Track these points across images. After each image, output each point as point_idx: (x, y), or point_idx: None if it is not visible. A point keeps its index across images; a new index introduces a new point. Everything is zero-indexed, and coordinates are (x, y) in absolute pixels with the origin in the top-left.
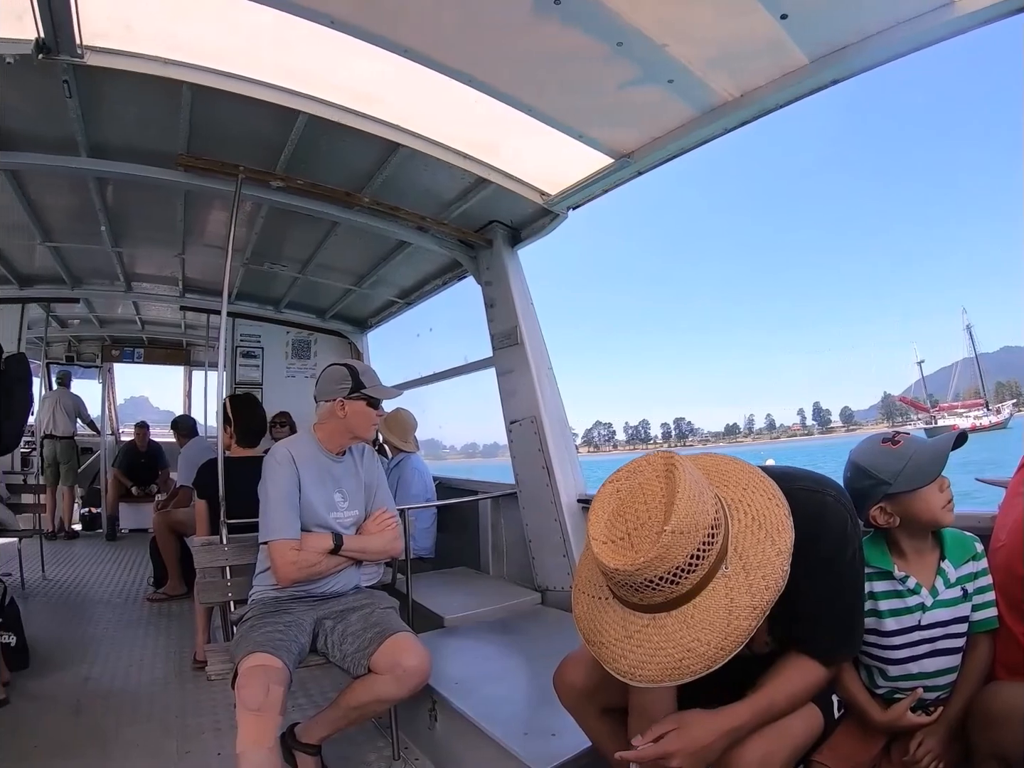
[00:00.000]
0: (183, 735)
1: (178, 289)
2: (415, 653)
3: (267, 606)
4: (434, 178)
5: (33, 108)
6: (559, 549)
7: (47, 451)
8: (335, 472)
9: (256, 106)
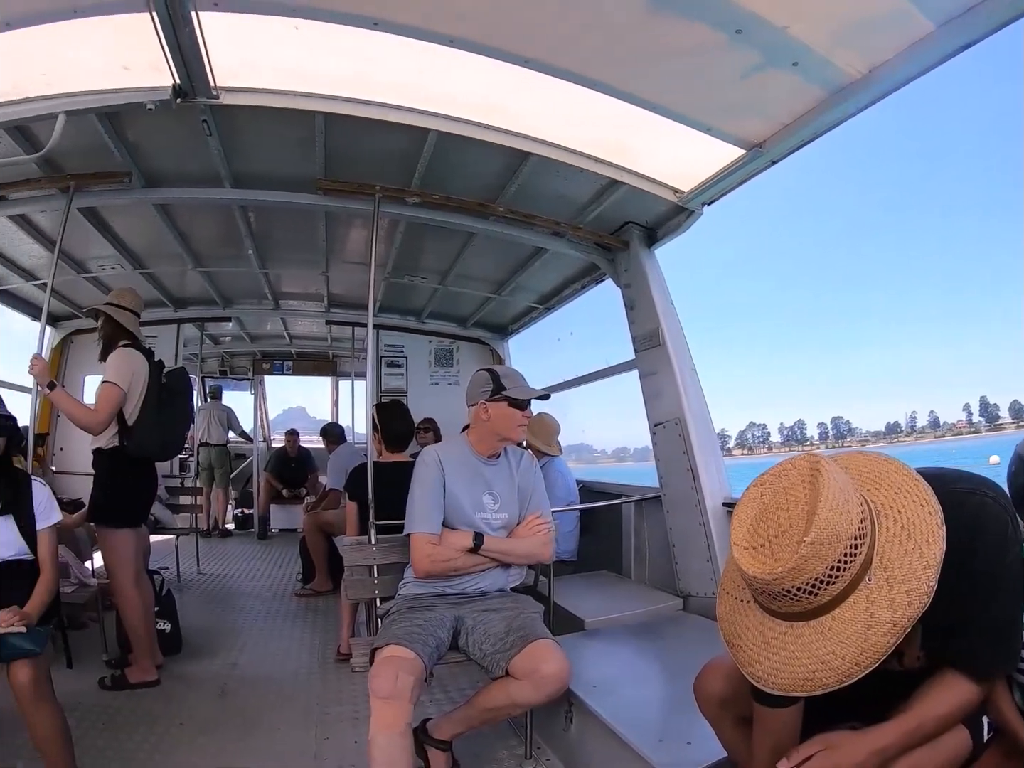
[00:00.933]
0: (323, 722)
1: (323, 304)
2: (555, 660)
3: (411, 601)
4: (566, 183)
5: (177, 147)
6: (703, 554)
7: (202, 457)
8: (486, 474)
9: (387, 127)
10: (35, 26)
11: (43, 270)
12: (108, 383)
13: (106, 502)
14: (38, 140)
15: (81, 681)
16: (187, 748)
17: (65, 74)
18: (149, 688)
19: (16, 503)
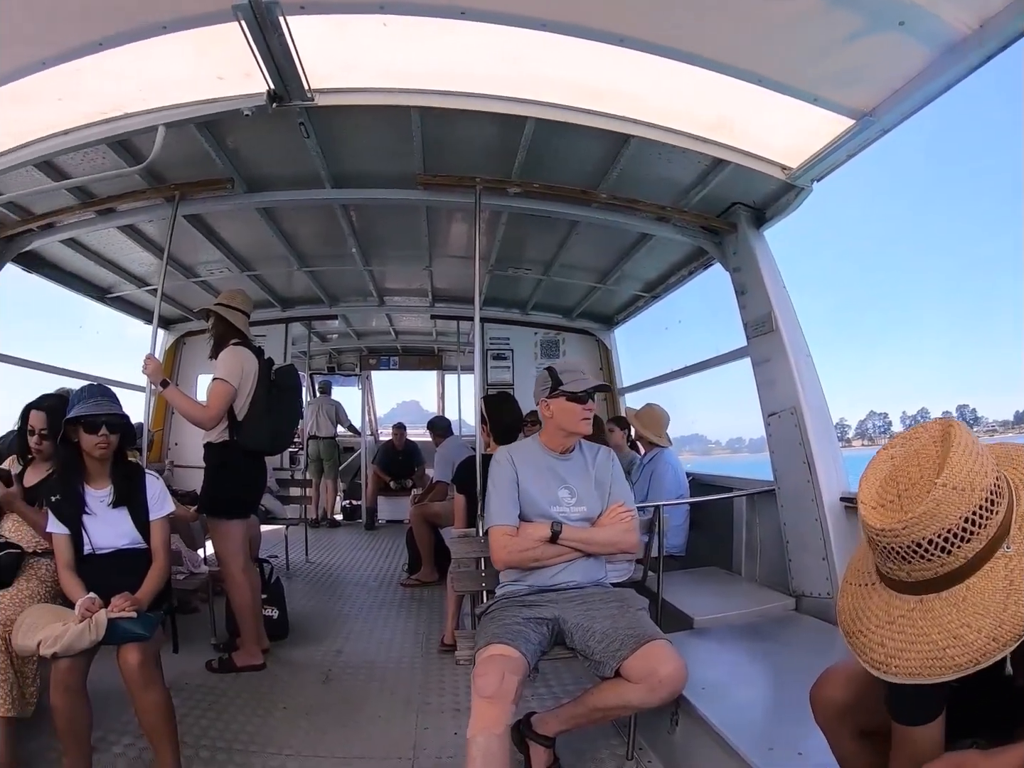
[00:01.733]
0: (423, 712)
1: (428, 299)
2: (671, 662)
3: (510, 599)
4: (669, 165)
5: (276, 151)
6: (818, 552)
7: (311, 450)
8: (560, 470)
9: (483, 118)
10: (128, 44)
11: (154, 276)
12: (219, 380)
13: (216, 494)
14: (140, 153)
15: (189, 662)
16: (288, 731)
17: (161, 88)
18: (254, 672)
19: (130, 495)
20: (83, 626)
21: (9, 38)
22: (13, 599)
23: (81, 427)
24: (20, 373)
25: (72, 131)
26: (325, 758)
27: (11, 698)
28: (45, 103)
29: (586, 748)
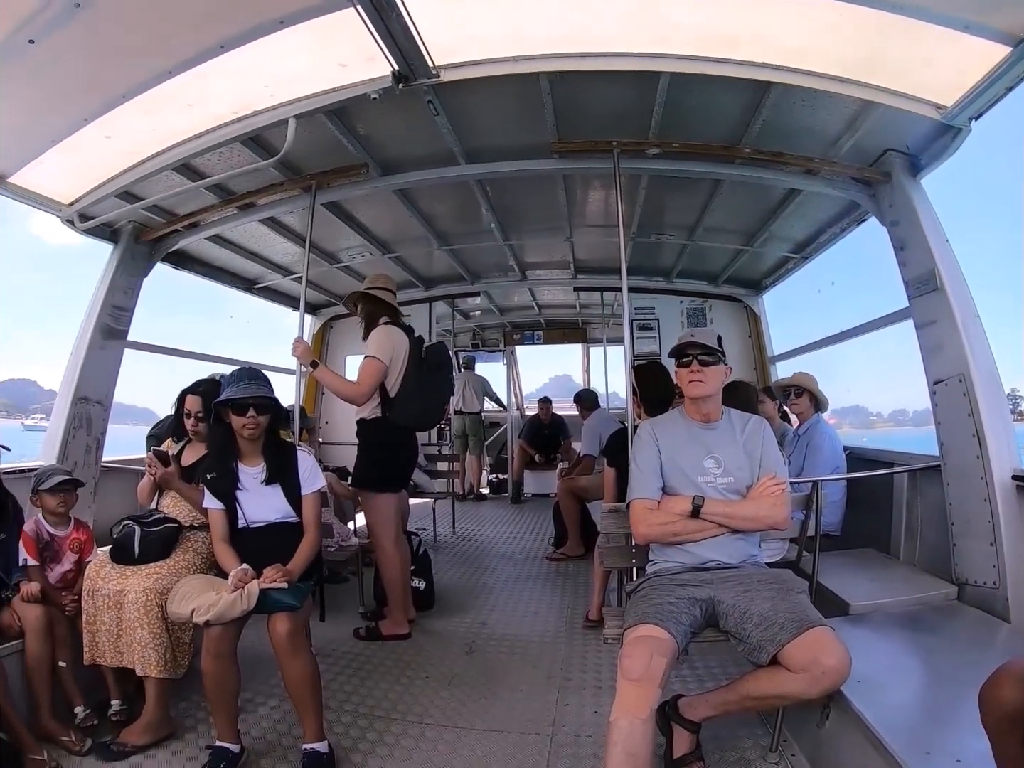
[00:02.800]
0: (564, 687)
1: (570, 271)
2: (835, 652)
3: (661, 578)
4: (814, 113)
5: (407, 132)
6: (985, 536)
7: (456, 425)
8: (706, 439)
9: (615, 78)
10: (248, 44)
11: (297, 265)
12: (370, 357)
13: (368, 468)
14: (274, 146)
15: (337, 630)
16: (430, 700)
17: (286, 82)
18: (400, 641)
19: (283, 472)
20: (235, 596)
21: (135, 53)
22: (170, 570)
23: (230, 409)
24: (176, 362)
25: (205, 133)
26: (464, 729)
27: (165, 661)
28: (176, 110)
29: (728, 736)
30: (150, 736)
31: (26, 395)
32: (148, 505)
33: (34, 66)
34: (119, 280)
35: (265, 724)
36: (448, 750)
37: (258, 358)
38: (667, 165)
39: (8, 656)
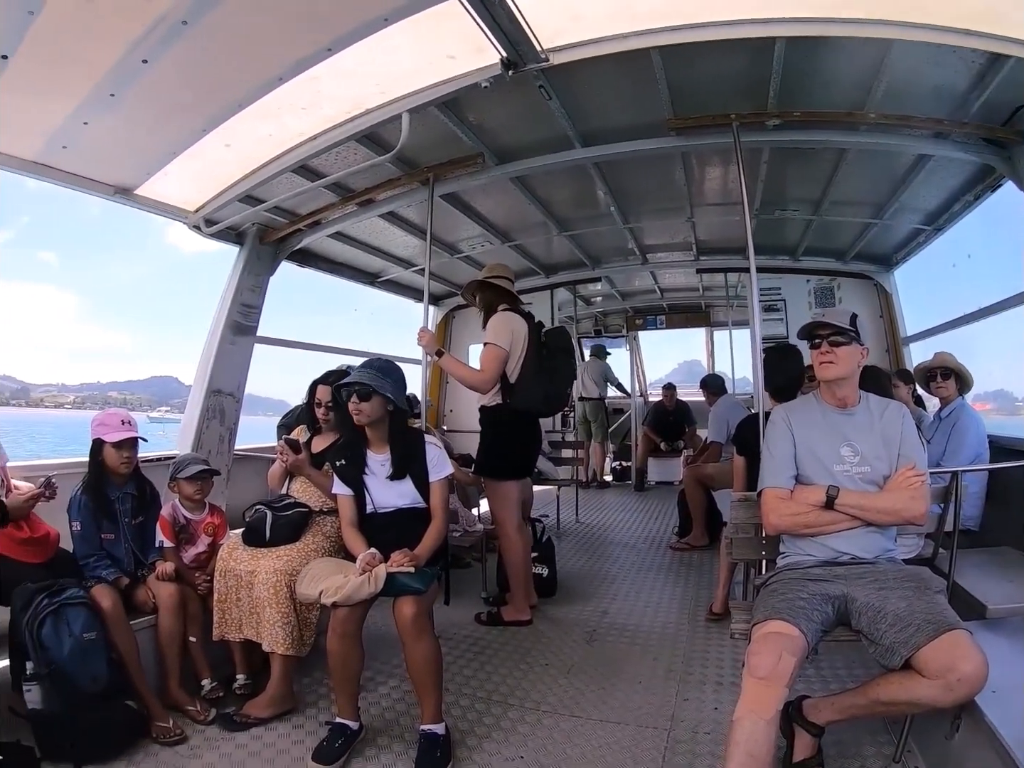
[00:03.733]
0: (685, 682)
1: (692, 253)
2: (973, 658)
3: (793, 571)
4: (940, 71)
5: (521, 119)
6: None
7: (579, 411)
8: (842, 426)
9: (728, 47)
10: (355, 44)
11: (418, 257)
12: (490, 344)
13: (492, 456)
14: (388, 142)
15: (459, 614)
16: (548, 688)
17: (396, 78)
18: (521, 627)
19: (410, 459)
20: (363, 579)
21: (244, 63)
22: (300, 552)
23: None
24: (306, 355)
25: (321, 134)
26: (580, 719)
27: (291, 639)
28: (291, 114)
29: (849, 741)
30: (272, 710)
31: (168, 390)
32: (279, 490)
33: (150, 84)
34: (246, 279)
35: (384, 703)
36: (564, 739)
37: (384, 349)
38: (788, 136)
39: (142, 630)
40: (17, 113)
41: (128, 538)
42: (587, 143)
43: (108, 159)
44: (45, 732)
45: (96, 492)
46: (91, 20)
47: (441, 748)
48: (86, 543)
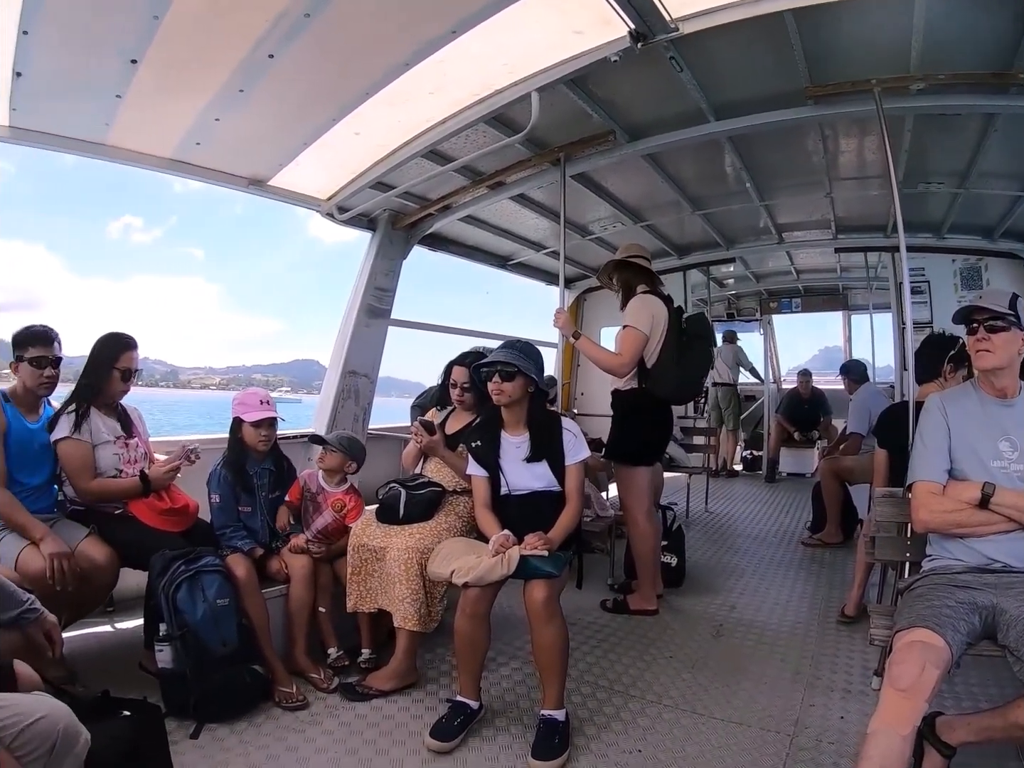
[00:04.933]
0: (812, 686)
1: (830, 231)
2: None
3: (940, 576)
4: None
5: (652, 93)
6: None
7: (711, 397)
8: (1002, 419)
9: (867, 7)
10: (479, 25)
11: (549, 240)
12: (629, 327)
13: (624, 441)
14: (518, 123)
15: (584, 600)
16: (671, 681)
17: (523, 57)
18: (646, 616)
19: (546, 443)
20: (496, 560)
21: (369, 51)
22: (432, 531)
23: (484, 376)
24: (439, 337)
25: (449, 118)
26: (702, 716)
27: (419, 615)
28: (419, 99)
29: (978, 764)
30: (394, 683)
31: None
32: (413, 470)
33: (277, 78)
34: (380, 264)
35: (505, 685)
36: (683, 736)
37: (515, 332)
38: (933, 102)
39: (273, 599)
40: (151, 114)
41: (264, 511)
42: (720, 116)
43: (241, 152)
44: (172, 690)
45: (235, 467)
46: (214, 20)
47: (559, 734)
48: (224, 514)
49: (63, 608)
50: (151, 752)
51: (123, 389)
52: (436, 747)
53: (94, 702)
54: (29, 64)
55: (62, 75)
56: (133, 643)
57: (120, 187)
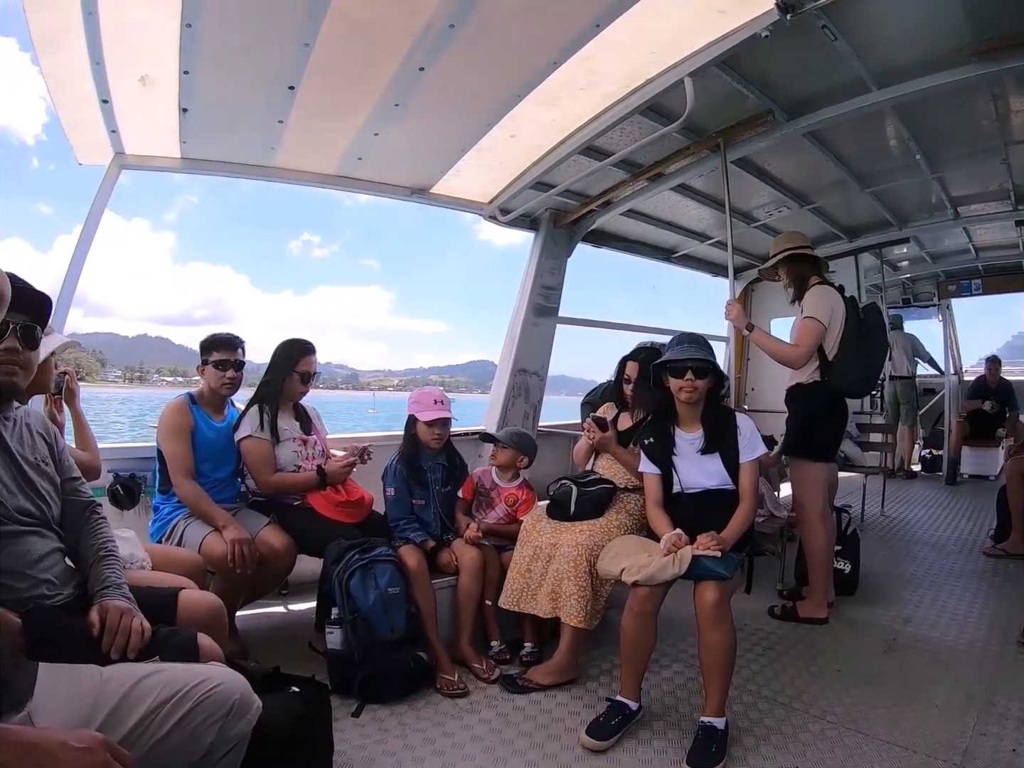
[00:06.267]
0: (986, 712)
1: (1009, 202)
2: None
3: None
4: None
5: (807, 66)
6: None
7: (888, 391)
8: None
9: None
10: (622, 15)
11: (713, 229)
12: (809, 318)
13: (802, 435)
14: (673, 111)
15: (752, 604)
16: (837, 696)
17: (670, 43)
18: (816, 625)
19: (721, 439)
20: (667, 560)
21: (516, 54)
22: (602, 528)
23: (668, 372)
24: (607, 334)
25: (602, 113)
26: (866, 736)
27: (585, 613)
28: (570, 96)
29: None
30: (555, 678)
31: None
32: (584, 467)
33: (430, 89)
34: (544, 263)
35: (666, 687)
36: (845, 756)
37: (683, 326)
38: None
39: (442, 589)
40: (313, 135)
41: (437, 504)
42: (882, 84)
43: (402, 163)
44: (338, 670)
45: (410, 462)
46: (363, 40)
47: (717, 743)
48: (398, 507)
49: (241, 589)
50: (315, 726)
51: (302, 391)
52: (591, 745)
53: (266, 676)
54: (193, 100)
55: (225, 107)
56: (304, 624)
57: (295, 208)
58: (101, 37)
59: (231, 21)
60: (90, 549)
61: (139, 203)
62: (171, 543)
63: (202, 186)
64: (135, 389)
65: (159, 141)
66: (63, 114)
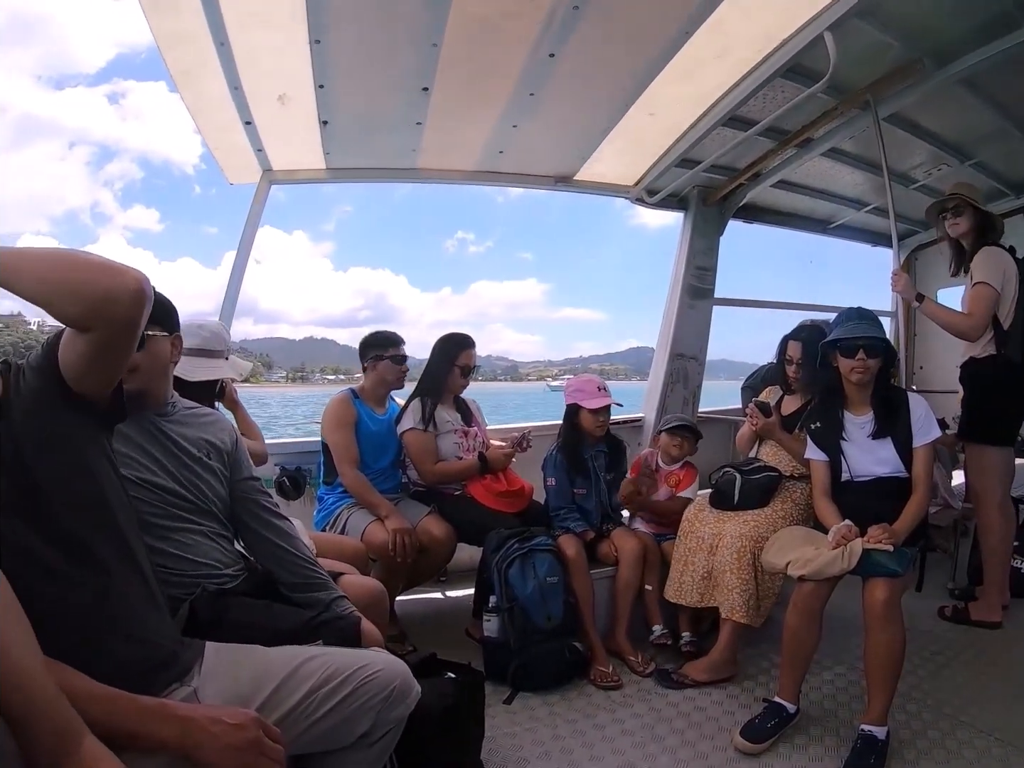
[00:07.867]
0: None
1: None
2: None
3: None
4: None
5: (951, 6)
6: None
7: None
8: None
9: None
10: None
11: (868, 195)
12: (980, 283)
13: (979, 415)
14: (815, 71)
15: (921, 604)
16: (1006, 708)
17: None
18: (989, 629)
19: (892, 423)
20: (835, 553)
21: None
22: (767, 518)
23: (838, 351)
24: (766, 314)
25: (741, 80)
26: None
27: (748, 607)
28: (705, 67)
29: None
30: (711, 675)
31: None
32: (747, 454)
33: (562, 74)
34: (697, 243)
35: (825, 691)
36: None
37: (846, 302)
38: None
39: (601, 579)
40: (452, 133)
41: (599, 492)
42: None
43: (542, 152)
44: (494, 657)
45: (570, 451)
46: (489, 33)
47: (876, 754)
48: (559, 497)
49: (401, 577)
50: (469, 712)
51: (462, 384)
52: (744, 747)
53: (423, 661)
54: (332, 112)
55: (363, 115)
56: (461, 611)
57: (445, 208)
58: (236, 64)
59: (356, 33)
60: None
61: (298, 217)
62: (335, 532)
63: (354, 196)
64: (297, 388)
65: (304, 155)
66: (210, 139)
